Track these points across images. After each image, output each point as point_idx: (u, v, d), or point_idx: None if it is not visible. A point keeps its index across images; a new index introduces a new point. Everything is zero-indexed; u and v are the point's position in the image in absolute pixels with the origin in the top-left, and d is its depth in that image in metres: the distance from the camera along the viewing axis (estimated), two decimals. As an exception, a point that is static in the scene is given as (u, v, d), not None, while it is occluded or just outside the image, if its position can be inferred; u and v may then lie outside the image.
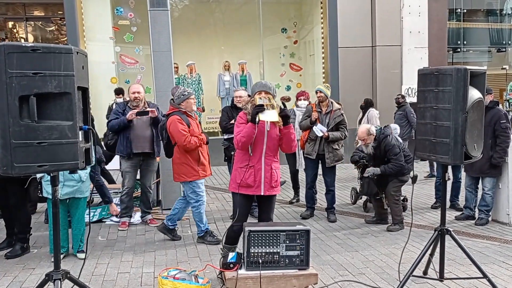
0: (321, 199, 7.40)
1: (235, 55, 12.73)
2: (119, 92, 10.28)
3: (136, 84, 6.27)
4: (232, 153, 4.41)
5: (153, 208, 7.03)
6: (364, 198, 7.29)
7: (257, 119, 3.90)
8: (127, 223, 6.19)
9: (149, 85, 11.30)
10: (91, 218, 3.96)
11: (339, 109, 6.46)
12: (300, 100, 7.23)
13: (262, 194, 4.11)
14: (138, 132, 5.96)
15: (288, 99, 12.82)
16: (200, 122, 11.63)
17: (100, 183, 5.52)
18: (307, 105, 7.03)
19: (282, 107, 4.07)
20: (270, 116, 3.91)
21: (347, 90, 11.40)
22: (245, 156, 4.11)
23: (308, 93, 7.38)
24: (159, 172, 7.11)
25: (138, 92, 6.05)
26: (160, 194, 7.23)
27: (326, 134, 6.27)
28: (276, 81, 13.10)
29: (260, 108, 3.91)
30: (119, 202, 6.78)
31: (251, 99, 4.19)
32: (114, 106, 10.03)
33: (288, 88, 12.95)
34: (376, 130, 6.03)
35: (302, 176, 7.45)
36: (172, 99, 5.36)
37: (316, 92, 6.45)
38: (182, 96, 5.21)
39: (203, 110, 11.95)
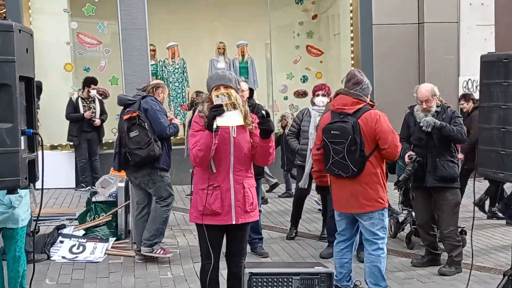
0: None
1: (232, 35, 12.73)
2: (91, 81, 10.35)
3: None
4: (190, 170, 4.44)
5: (119, 241, 7.04)
6: (407, 230, 7.28)
7: (214, 125, 3.92)
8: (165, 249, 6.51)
9: (116, 74, 11.33)
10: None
11: (372, 108, 6.52)
12: (318, 96, 7.22)
13: (234, 223, 4.20)
14: None
15: (303, 94, 12.89)
16: (184, 125, 11.79)
17: None
18: (327, 103, 7.04)
19: (264, 114, 4.09)
20: (231, 119, 3.94)
21: (384, 83, 11.39)
22: (207, 174, 4.17)
23: (329, 87, 7.38)
24: (128, 192, 7.11)
25: None
26: (129, 221, 7.23)
27: None
28: (287, 70, 13.11)
29: (217, 110, 3.92)
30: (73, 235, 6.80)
31: (207, 96, 4.25)
32: (80, 101, 10.22)
33: (305, 79, 12.96)
34: None
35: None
36: (355, 86, 5.06)
37: None
38: (370, 87, 5.11)
39: (189, 109, 11.94)
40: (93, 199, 7.46)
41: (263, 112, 4.12)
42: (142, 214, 6.48)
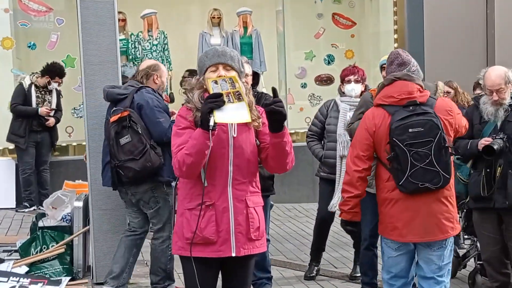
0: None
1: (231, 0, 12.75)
2: (57, 73, 10.38)
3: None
4: (173, 183, 4.43)
5: (76, 281, 7.03)
6: (471, 266, 7.26)
7: (211, 122, 3.91)
8: None
9: (72, 53, 11.32)
10: None
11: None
12: (349, 82, 7.22)
13: (233, 255, 4.19)
14: None
15: (328, 80, 12.84)
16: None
17: None
18: (363, 92, 7.05)
19: (270, 95, 4.06)
20: (234, 114, 3.92)
21: (439, 65, 11.35)
22: (196, 188, 4.18)
23: (363, 70, 7.37)
24: (87, 215, 7.10)
25: None
26: (90, 255, 7.21)
27: None
28: (306, 47, 13.09)
29: (215, 101, 3.89)
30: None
31: (198, 80, 4.24)
32: (33, 89, 10.22)
33: (330, 59, 12.96)
34: None
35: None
36: (401, 69, 5.17)
37: (383, 68, 6.45)
38: (421, 71, 5.28)
39: (172, 101, 11.92)
40: (40, 224, 7.40)
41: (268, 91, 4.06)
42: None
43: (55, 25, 11.91)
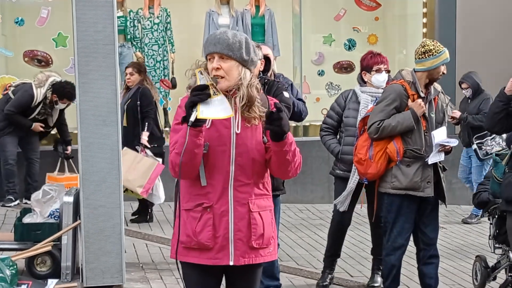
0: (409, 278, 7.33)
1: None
2: (66, 95, 10.05)
3: None
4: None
5: (64, 284, 7.02)
6: (502, 278, 7.28)
7: (192, 117, 3.91)
8: None
9: (63, 31, 11.38)
10: None
11: (442, 91, 6.71)
12: (380, 71, 7.23)
13: (231, 263, 4.20)
14: None
15: (349, 68, 12.80)
16: (165, 110, 11.77)
17: None
18: (392, 82, 6.95)
19: (274, 110, 4.00)
20: (218, 108, 3.94)
21: (473, 53, 11.32)
22: (195, 187, 4.20)
23: (385, 58, 7.37)
24: (78, 211, 7.11)
25: None
26: (80, 256, 7.22)
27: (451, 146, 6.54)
28: (325, 30, 13.08)
29: (199, 94, 3.90)
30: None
31: (204, 65, 4.21)
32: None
33: (351, 44, 12.94)
34: None
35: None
36: None
37: (440, 65, 6.53)
38: None
39: (174, 87, 11.93)
40: (26, 220, 7.40)
41: (272, 107, 4.07)
42: None
43: (44, -1, 11.94)
